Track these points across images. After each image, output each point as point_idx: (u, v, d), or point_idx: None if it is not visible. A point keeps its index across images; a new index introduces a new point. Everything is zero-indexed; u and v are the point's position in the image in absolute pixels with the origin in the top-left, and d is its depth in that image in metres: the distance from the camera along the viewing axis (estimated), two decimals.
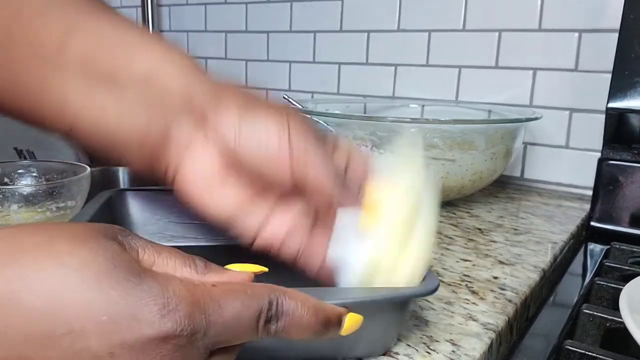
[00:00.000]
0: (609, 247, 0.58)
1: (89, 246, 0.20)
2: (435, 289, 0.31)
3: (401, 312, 0.34)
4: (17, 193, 0.49)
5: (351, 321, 0.26)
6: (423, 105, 0.87)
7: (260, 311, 0.22)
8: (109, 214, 0.47)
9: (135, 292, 0.20)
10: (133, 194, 0.49)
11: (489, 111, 0.81)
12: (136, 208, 0.49)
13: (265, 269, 0.27)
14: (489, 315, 0.40)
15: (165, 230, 0.49)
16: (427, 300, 0.42)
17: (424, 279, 0.32)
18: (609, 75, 0.66)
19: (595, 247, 0.62)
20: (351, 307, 0.27)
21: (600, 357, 0.35)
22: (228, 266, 0.26)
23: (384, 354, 0.34)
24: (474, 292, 0.44)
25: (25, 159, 0.93)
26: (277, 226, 0.34)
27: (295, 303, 0.23)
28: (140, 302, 0.20)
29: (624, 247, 0.57)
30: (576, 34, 0.76)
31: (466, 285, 0.46)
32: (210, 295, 0.21)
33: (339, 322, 0.26)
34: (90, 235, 0.21)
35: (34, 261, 0.19)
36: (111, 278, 0.20)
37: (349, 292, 0.31)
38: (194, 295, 0.21)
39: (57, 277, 0.19)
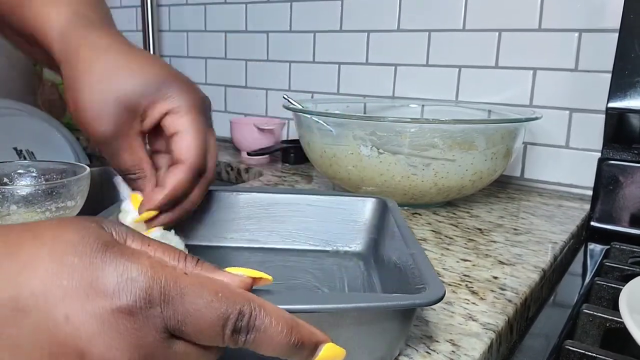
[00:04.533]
0: (609, 247, 0.58)
1: (67, 226, 0.22)
2: (441, 298, 0.30)
3: (402, 322, 0.32)
4: (16, 193, 0.49)
5: (329, 352, 0.24)
6: (423, 105, 0.87)
7: (227, 318, 0.21)
8: None
9: (97, 262, 0.21)
10: None
11: (489, 111, 0.80)
12: None
13: (270, 278, 0.26)
14: (489, 316, 0.40)
15: (195, 228, 0.50)
16: None
17: (428, 287, 0.31)
18: (609, 75, 0.66)
19: (596, 247, 0.62)
20: (348, 314, 0.26)
21: (600, 357, 0.35)
22: (228, 269, 0.25)
23: None
24: (474, 292, 0.44)
25: (24, 159, 0.93)
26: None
27: (270, 320, 0.22)
28: (101, 271, 0.21)
29: (624, 247, 0.57)
30: (576, 34, 0.76)
31: (466, 285, 0.46)
32: (176, 279, 0.21)
33: (314, 348, 0.24)
34: (74, 220, 0.22)
35: (16, 241, 0.21)
36: (77, 248, 0.21)
37: (343, 299, 0.30)
38: (157, 274, 0.21)
39: (31, 251, 0.21)
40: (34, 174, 0.57)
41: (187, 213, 0.42)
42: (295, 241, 0.50)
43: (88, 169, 0.54)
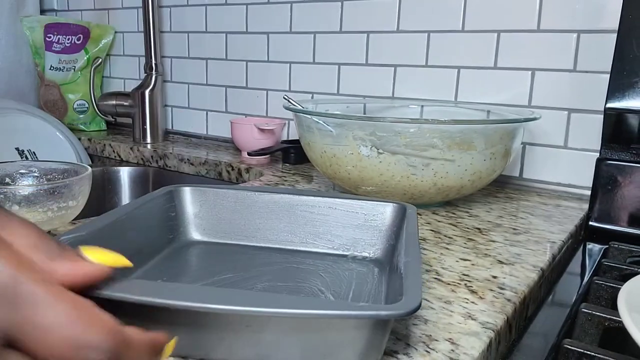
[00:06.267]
0: (607, 246, 0.59)
1: None
2: (412, 312, 0.29)
3: (374, 333, 0.31)
4: (18, 193, 0.49)
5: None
6: (422, 106, 0.87)
7: (79, 347, 0.19)
8: (166, 206, 0.50)
9: None
10: (191, 190, 0.52)
11: (488, 111, 0.81)
12: (193, 203, 0.52)
13: (129, 264, 0.25)
14: (488, 315, 0.41)
15: (217, 225, 0.51)
16: (426, 300, 0.43)
17: (405, 297, 0.30)
18: (608, 76, 0.66)
19: (594, 247, 0.62)
20: (311, 321, 0.25)
21: (599, 356, 0.36)
22: (84, 249, 0.23)
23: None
24: (473, 292, 0.45)
25: (26, 159, 0.93)
26: None
27: (139, 356, 0.21)
28: None
29: (622, 247, 0.58)
30: (575, 35, 0.77)
31: (465, 284, 0.46)
32: (35, 283, 0.19)
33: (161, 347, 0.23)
34: None
35: None
36: None
37: (303, 304, 0.29)
38: (17, 273, 0.19)
39: None
40: (35, 174, 0.57)
41: None
42: (314, 244, 0.50)
43: (90, 169, 0.55)
